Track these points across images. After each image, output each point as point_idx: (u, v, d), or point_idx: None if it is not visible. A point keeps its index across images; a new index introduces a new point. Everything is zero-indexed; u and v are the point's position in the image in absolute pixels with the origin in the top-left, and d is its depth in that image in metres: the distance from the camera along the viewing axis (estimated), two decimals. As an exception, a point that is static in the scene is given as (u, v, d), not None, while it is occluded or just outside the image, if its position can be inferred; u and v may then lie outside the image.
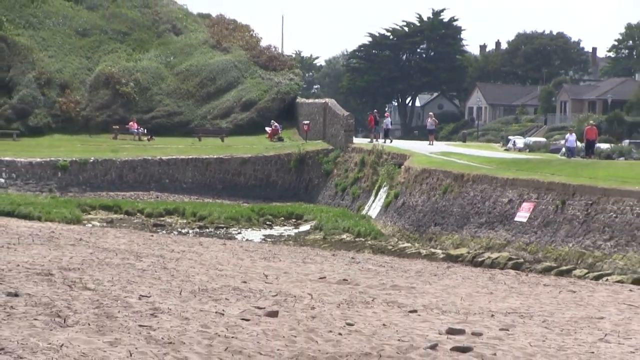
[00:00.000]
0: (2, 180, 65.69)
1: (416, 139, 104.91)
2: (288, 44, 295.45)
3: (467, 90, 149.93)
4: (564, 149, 69.86)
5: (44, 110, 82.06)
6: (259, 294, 23.44)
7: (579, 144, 67.58)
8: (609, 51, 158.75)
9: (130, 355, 15.46)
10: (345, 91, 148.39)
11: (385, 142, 72.04)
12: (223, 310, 20.49)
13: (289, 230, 55.19)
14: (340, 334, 18.81)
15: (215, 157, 70.99)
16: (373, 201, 59.57)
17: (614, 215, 40.28)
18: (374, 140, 74.26)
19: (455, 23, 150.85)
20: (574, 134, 67.32)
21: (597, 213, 41.05)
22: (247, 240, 48.73)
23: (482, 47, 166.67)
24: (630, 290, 31.17)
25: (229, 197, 66.62)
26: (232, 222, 56.51)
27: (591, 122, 76.90)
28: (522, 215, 44.41)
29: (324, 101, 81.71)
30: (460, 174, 51.01)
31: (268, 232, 54.47)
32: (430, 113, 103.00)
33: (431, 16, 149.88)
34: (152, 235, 44.50)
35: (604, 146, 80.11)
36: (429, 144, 75.52)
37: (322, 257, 36.71)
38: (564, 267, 38.95)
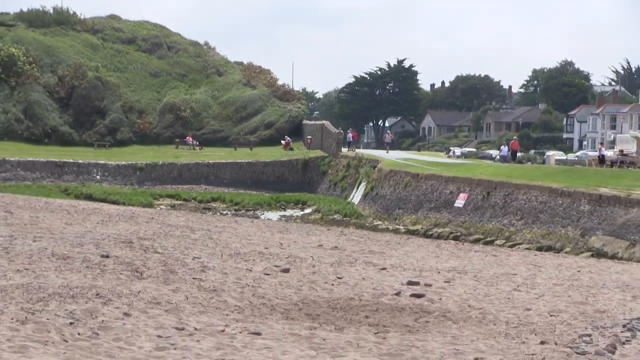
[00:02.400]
0: (98, 177, 65.74)
1: (384, 149, 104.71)
2: (297, 82, 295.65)
3: (421, 115, 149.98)
4: (498, 156, 69.85)
5: (127, 129, 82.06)
6: (276, 256, 23.43)
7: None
8: (521, 88, 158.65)
9: (187, 298, 15.45)
10: (336, 116, 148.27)
11: (350, 150, 72.48)
12: (251, 267, 20.48)
13: (297, 212, 55.20)
14: (332, 284, 18.80)
15: (246, 161, 71.01)
16: (355, 192, 59.58)
17: (524, 202, 40.30)
18: (351, 149, 74.29)
19: (413, 68, 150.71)
20: (506, 146, 67.35)
21: (512, 201, 41.07)
22: (268, 219, 48.73)
23: (432, 85, 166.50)
24: (535, 255, 31.18)
25: (256, 189, 66.64)
26: (258, 207, 56.55)
27: (514, 137, 76.91)
28: (460, 202, 44.44)
29: (321, 123, 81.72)
30: (416, 173, 51.03)
31: (282, 213, 54.47)
32: (388, 131, 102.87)
33: (396, 63, 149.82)
34: (202, 215, 44.52)
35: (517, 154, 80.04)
36: (386, 152, 75.34)
37: (320, 231, 36.72)
38: (489, 239, 38.99)
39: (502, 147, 69.00)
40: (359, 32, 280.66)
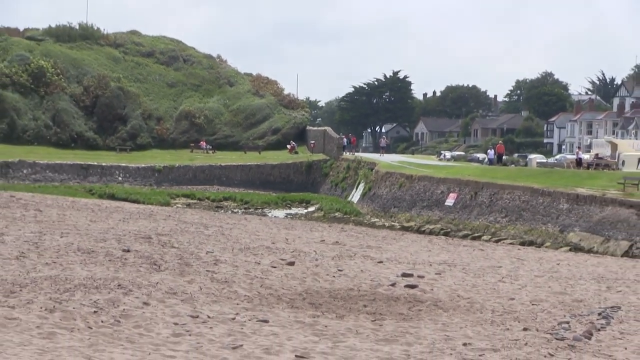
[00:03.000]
0: (120, 178, 65.79)
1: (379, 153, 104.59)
2: (301, 92, 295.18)
3: (415, 121, 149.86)
4: (486, 159, 69.67)
5: (147, 134, 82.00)
6: (282, 250, 23.43)
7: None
8: (505, 97, 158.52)
9: (201, 289, 15.45)
10: (337, 122, 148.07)
11: (349, 153, 72.25)
12: (259, 261, 20.48)
13: (301, 211, 55.19)
14: (334, 276, 18.79)
15: (255, 164, 71.01)
16: (355, 192, 59.55)
17: (508, 201, 40.28)
18: (350, 153, 73.99)
19: (407, 79, 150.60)
20: (493, 150, 67.18)
21: (497, 200, 41.04)
22: (275, 216, 48.73)
23: (424, 94, 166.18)
24: (518, 249, 31.20)
25: (264, 189, 66.60)
26: (266, 205, 56.51)
27: (500, 141, 76.71)
28: (450, 201, 44.40)
29: (324, 128, 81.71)
30: (410, 174, 51.02)
31: (288, 211, 54.47)
32: (383, 136, 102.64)
33: (391, 75, 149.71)
34: (215, 213, 44.53)
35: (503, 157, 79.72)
36: (381, 156, 75.09)
37: (322, 227, 36.73)
38: (476, 234, 38.95)
39: (489, 150, 68.91)
40: (357, 47, 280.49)
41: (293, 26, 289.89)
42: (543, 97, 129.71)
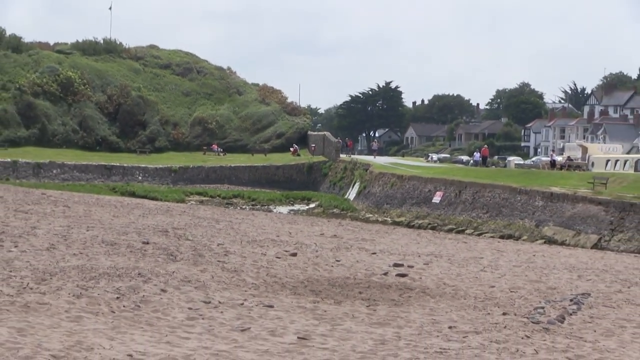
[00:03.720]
0: (140, 178, 65.79)
1: (372, 155, 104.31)
2: (303, 100, 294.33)
3: (405, 127, 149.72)
4: (472, 161, 69.50)
5: (164, 138, 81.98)
6: (285, 243, 23.41)
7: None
8: (487, 105, 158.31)
9: (212, 277, 15.45)
10: (335, 127, 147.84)
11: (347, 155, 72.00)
12: (265, 252, 20.47)
13: (303, 207, 55.17)
14: (332, 266, 18.78)
15: (261, 165, 70.99)
16: (351, 190, 59.54)
17: (489, 199, 40.30)
18: (347, 155, 73.87)
19: (398, 89, 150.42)
20: (479, 152, 67.07)
21: (479, 197, 41.06)
22: (279, 212, 48.70)
23: (414, 103, 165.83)
24: (499, 242, 31.18)
25: (269, 188, 66.56)
26: (271, 202, 56.47)
27: (485, 145, 76.63)
28: (436, 199, 44.40)
29: (323, 133, 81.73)
30: (401, 174, 51.01)
31: (291, 208, 54.45)
32: (375, 140, 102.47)
33: (384, 85, 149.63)
34: (225, 209, 44.49)
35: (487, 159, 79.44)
36: (374, 158, 75.01)
37: (322, 222, 36.70)
38: (460, 229, 38.97)
39: (476, 153, 68.80)
40: (353, 60, 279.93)
41: (296, 41, 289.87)
42: (521, 105, 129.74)
